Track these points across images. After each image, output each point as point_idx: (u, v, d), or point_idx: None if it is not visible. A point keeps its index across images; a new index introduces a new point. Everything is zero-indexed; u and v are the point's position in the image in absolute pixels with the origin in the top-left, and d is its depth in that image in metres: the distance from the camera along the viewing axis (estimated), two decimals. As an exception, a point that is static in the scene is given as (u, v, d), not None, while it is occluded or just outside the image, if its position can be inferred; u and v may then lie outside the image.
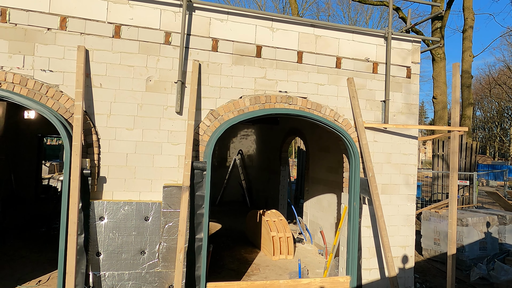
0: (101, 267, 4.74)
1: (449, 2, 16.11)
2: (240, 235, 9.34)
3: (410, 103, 6.31)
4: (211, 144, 5.13)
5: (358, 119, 5.83)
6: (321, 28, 5.88)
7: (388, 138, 6.15)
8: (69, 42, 4.82)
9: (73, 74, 4.80)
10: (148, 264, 4.88)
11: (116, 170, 4.96)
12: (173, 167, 5.16)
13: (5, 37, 4.61)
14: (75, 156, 4.45)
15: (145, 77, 5.10)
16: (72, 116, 4.72)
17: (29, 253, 7.07)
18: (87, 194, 4.70)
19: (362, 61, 6.08)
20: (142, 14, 5.08)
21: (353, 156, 5.86)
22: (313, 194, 9.26)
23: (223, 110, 5.38)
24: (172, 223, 4.94)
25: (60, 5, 4.80)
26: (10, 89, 4.55)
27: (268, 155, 13.00)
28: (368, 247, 5.97)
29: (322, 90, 5.86)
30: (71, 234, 4.32)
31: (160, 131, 5.12)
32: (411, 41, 6.33)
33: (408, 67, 6.31)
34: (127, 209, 4.84)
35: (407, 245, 6.20)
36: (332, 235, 7.90)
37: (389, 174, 6.15)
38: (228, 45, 5.44)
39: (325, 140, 8.49)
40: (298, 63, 5.76)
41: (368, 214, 5.98)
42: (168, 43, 5.19)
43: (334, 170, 7.98)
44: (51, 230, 8.80)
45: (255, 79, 5.56)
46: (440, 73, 14.94)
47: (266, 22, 5.62)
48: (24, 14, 4.67)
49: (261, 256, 7.79)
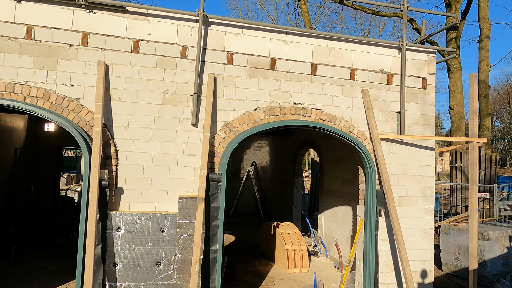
0: (117, 278, 4.78)
1: (464, 12, 15.99)
2: (254, 247, 9.28)
3: (426, 114, 6.24)
4: (226, 156, 5.17)
5: (373, 130, 5.79)
6: (335, 40, 5.92)
7: (404, 150, 6.07)
8: (90, 57, 5.00)
9: (93, 88, 4.95)
10: (164, 275, 4.89)
11: (133, 182, 5.04)
12: (188, 178, 5.21)
13: (30, 53, 4.81)
14: (94, 168, 4.55)
15: (162, 90, 5.21)
16: (91, 129, 4.85)
17: (47, 263, 7.18)
18: (105, 205, 4.79)
19: (376, 73, 6.07)
20: (159, 30, 5.24)
21: (368, 167, 5.80)
22: (328, 206, 9.15)
23: (238, 122, 5.44)
24: (187, 234, 4.96)
25: (82, 22, 5.00)
26: (34, 103, 4.73)
27: (281, 166, 12.97)
28: (385, 261, 5.84)
29: (336, 102, 5.87)
30: (89, 245, 4.39)
31: (176, 143, 5.20)
32: (426, 52, 6.30)
33: (424, 77, 6.26)
34: (144, 220, 4.89)
35: (426, 259, 6.04)
36: (347, 248, 7.76)
37: (405, 186, 6.05)
38: (243, 58, 5.53)
39: (339, 151, 8.43)
40: (312, 75, 5.79)
41: (385, 227, 5.87)
42: (184, 57, 5.31)
43: (349, 182, 7.90)
44: (68, 241, 8.94)
45: (269, 91, 5.61)
46: (456, 83, 14.73)
47: (280, 35, 5.70)
48: (48, 31, 4.88)
49: (275, 269, 7.70)
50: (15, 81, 4.75)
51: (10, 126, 10.79)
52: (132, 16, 5.16)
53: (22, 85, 4.75)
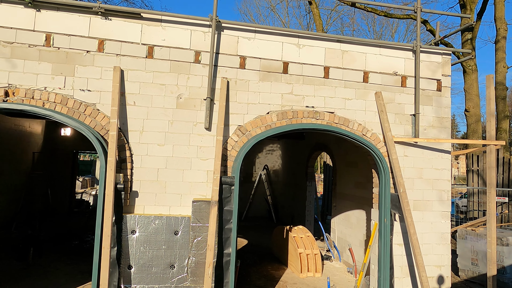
0: (132, 280, 4.84)
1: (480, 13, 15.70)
2: (266, 251, 9.25)
3: (442, 116, 6.14)
4: (239, 159, 5.19)
5: (387, 133, 5.73)
6: (348, 43, 5.90)
7: (419, 153, 5.98)
8: (106, 63, 5.11)
9: (109, 93, 5.05)
10: (177, 278, 4.93)
11: (148, 185, 5.11)
12: (202, 182, 5.25)
13: (49, 60, 4.95)
14: (110, 171, 4.64)
15: (176, 94, 5.28)
16: (107, 133, 4.95)
17: (63, 265, 7.32)
18: (120, 208, 4.86)
19: (390, 75, 6.02)
20: (173, 35, 5.32)
21: (382, 171, 5.73)
22: (341, 210, 9.07)
23: (250, 125, 5.46)
24: (201, 237, 4.99)
25: (99, 29, 5.12)
26: (52, 108, 4.86)
27: (293, 170, 12.92)
28: (400, 266, 5.75)
29: (349, 105, 5.83)
30: (105, 247, 4.46)
31: (190, 146, 5.26)
32: (440, 54, 6.22)
33: (439, 80, 6.18)
34: (158, 223, 4.95)
35: (442, 264, 5.92)
36: (361, 252, 7.67)
37: (421, 190, 5.96)
38: (255, 62, 5.56)
39: (352, 155, 8.36)
40: (325, 78, 5.78)
41: (400, 231, 5.78)
42: (197, 61, 5.38)
43: (362, 185, 7.82)
44: (84, 243, 9.09)
45: (282, 95, 5.62)
46: (472, 85, 14.45)
47: (292, 39, 5.72)
48: (66, 38, 5.02)
49: (288, 273, 7.66)
50: (34, 87, 4.89)
51: (28, 131, 11.09)
52: (146, 22, 5.26)
53: (41, 91, 4.89)
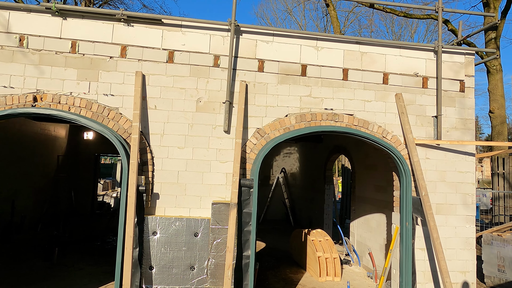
0: (153, 281, 4.92)
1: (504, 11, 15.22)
2: (284, 255, 9.21)
3: (465, 118, 5.99)
4: (258, 162, 5.21)
5: (408, 135, 5.63)
6: (367, 45, 5.85)
7: (442, 155, 5.84)
8: (128, 68, 5.25)
9: (131, 97, 5.19)
10: (197, 279, 4.98)
11: (168, 187, 5.20)
12: (221, 184, 5.30)
13: (74, 66, 5.13)
14: (132, 174, 4.75)
15: (196, 98, 5.37)
16: (130, 136, 5.08)
17: (86, 265, 7.51)
18: (142, 209, 4.96)
19: (410, 76, 5.92)
20: (193, 40, 5.41)
21: (403, 174, 5.63)
22: (360, 213, 8.94)
23: (269, 128, 5.48)
24: (220, 239, 5.03)
25: (121, 35, 5.27)
26: (78, 112, 5.03)
27: (311, 173, 12.84)
28: (423, 271, 5.61)
29: (369, 107, 5.77)
30: (128, 248, 4.56)
31: (209, 149, 5.32)
32: (463, 54, 6.07)
33: (462, 80, 6.03)
34: (178, 225, 5.02)
35: (467, 270, 5.74)
36: (381, 257, 7.53)
37: (444, 193, 5.81)
38: (273, 65, 5.59)
39: (372, 157, 8.24)
40: (344, 80, 5.75)
41: (422, 236, 5.66)
42: (217, 65, 5.45)
43: (383, 189, 7.68)
44: (105, 244, 9.30)
45: (300, 98, 5.62)
46: (497, 85, 14.00)
47: (310, 42, 5.72)
48: (90, 45, 5.19)
49: (307, 276, 7.60)
50: (61, 92, 5.07)
51: (53, 135, 11.48)
52: (167, 28, 5.38)
53: (67, 96, 5.07)
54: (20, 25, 5.08)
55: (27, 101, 4.95)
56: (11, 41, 5.04)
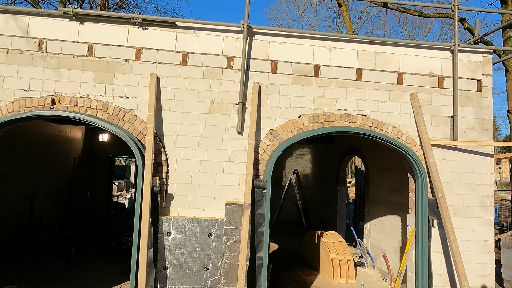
0: (167, 281, 4.97)
1: (522, 9, 14.83)
2: (297, 256, 9.17)
3: (483, 118, 5.86)
4: (271, 163, 5.21)
5: (423, 136, 5.54)
6: (381, 45, 5.80)
7: (459, 156, 5.73)
8: (143, 71, 5.33)
9: (145, 99, 5.27)
10: (211, 280, 5.01)
11: (182, 188, 5.25)
12: (234, 185, 5.32)
13: (90, 69, 5.24)
14: (147, 175, 4.81)
15: (209, 100, 5.41)
16: (144, 138, 5.15)
17: (101, 265, 7.63)
18: (156, 210, 5.03)
19: (426, 76, 5.83)
20: (206, 42, 5.46)
21: (419, 175, 5.54)
22: (374, 215, 8.83)
23: (282, 129, 5.48)
24: (233, 240, 5.05)
25: (136, 38, 5.36)
26: (94, 114, 5.13)
27: (324, 174, 12.76)
28: (439, 274, 5.51)
29: (383, 107, 5.71)
30: (143, 248, 4.62)
31: (222, 150, 5.35)
32: (481, 53, 5.95)
33: (479, 80, 5.91)
34: (192, 226, 5.06)
35: (485, 274, 5.61)
36: (396, 259, 7.41)
37: (461, 195, 5.69)
38: (286, 66, 5.59)
39: (386, 159, 8.13)
40: (357, 80, 5.70)
41: (438, 238, 5.55)
42: (230, 67, 5.48)
43: (397, 190, 7.57)
44: (120, 245, 9.44)
45: (313, 98, 5.60)
46: (515, 85, 13.63)
47: (323, 42, 5.70)
48: (106, 48, 5.29)
49: (320, 279, 7.54)
50: (78, 95, 5.19)
51: (70, 136, 11.73)
52: (181, 31, 5.44)
53: (84, 98, 5.18)
54: (39, 30, 5.22)
55: (45, 104, 5.08)
56: (31, 45, 5.19)
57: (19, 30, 5.19)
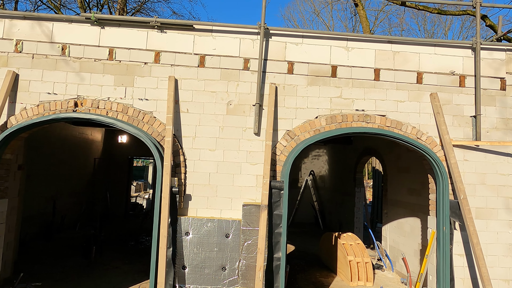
0: (186, 280, 5.03)
1: (547, 4, 14.30)
2: (314, 258, 9.11)
3: (507, 117, 5.68)
4: (288, 164, 5.21)
5: (444, 136, 5.42)
6: (399, 44, 5.71)
7: (481, 157, 5.58)
8: (162, 73, 5.43)
9: (164, 101, 5.36)
10: (229, 280, 5.04)
11: (200, 189, 5.31)
12: (251, 186, 5.34)
13: (111, 72, 5.38)
14: (166, 175, 4.89)
15: (226, 101, 5.46)
16: (163, 139, 5.24)
17: (121, 264, 7.79)
18: (175, 210, 5.10)
19: (446, 75, 5.71)
20: (223, 44, 5.52)
21: (440, 176, 5.42)
22: (393, 217, 8.68)
23: (299, 130, 5.47)
24: (251, 241, 5.07)
25: (155, 41, 5.46)
26: (115, 116, 5.25)
27: (341, 176, 12.63)
28: (462, 278, 5.37)
29: (402, 107, 5.62)
30: (162, 247, 4.70)
31: (240, 151, 5.38)
32: (504, 50, 5.78)
33: (502, 78, 5.74)
34: (210, 226, 5.11)
35: (510, 279, 5.43)
36: (416, 262, 7.26)
37: (484, 197, 5.54)
38: (303, 67, 5.58)
39: (405, 160, 7.99)
40: (375, 80, 5.63)
41: (460, 241, 5.41)
42: (246, 68, 5.52)
43: (417, 192, 7.42)
44: (139, 244, 9.60)
45: (330, 99, 5.57)
46: (540, 83, 13.17)
47: (340, 42, 5.66)
48: (126, 52, 5.42)
49: (338, 281, 7.47)
50: (99, 98, 5.33)
51: (90, 138, 12.03)
52: (198, 33, 5.52)
53: (105, 101, 5.31)
54: (62, 35, 5.39)
55: (69, 107, 5.24)
56: (54, 50, 5.36)
57: (44, 35, 5.37)
